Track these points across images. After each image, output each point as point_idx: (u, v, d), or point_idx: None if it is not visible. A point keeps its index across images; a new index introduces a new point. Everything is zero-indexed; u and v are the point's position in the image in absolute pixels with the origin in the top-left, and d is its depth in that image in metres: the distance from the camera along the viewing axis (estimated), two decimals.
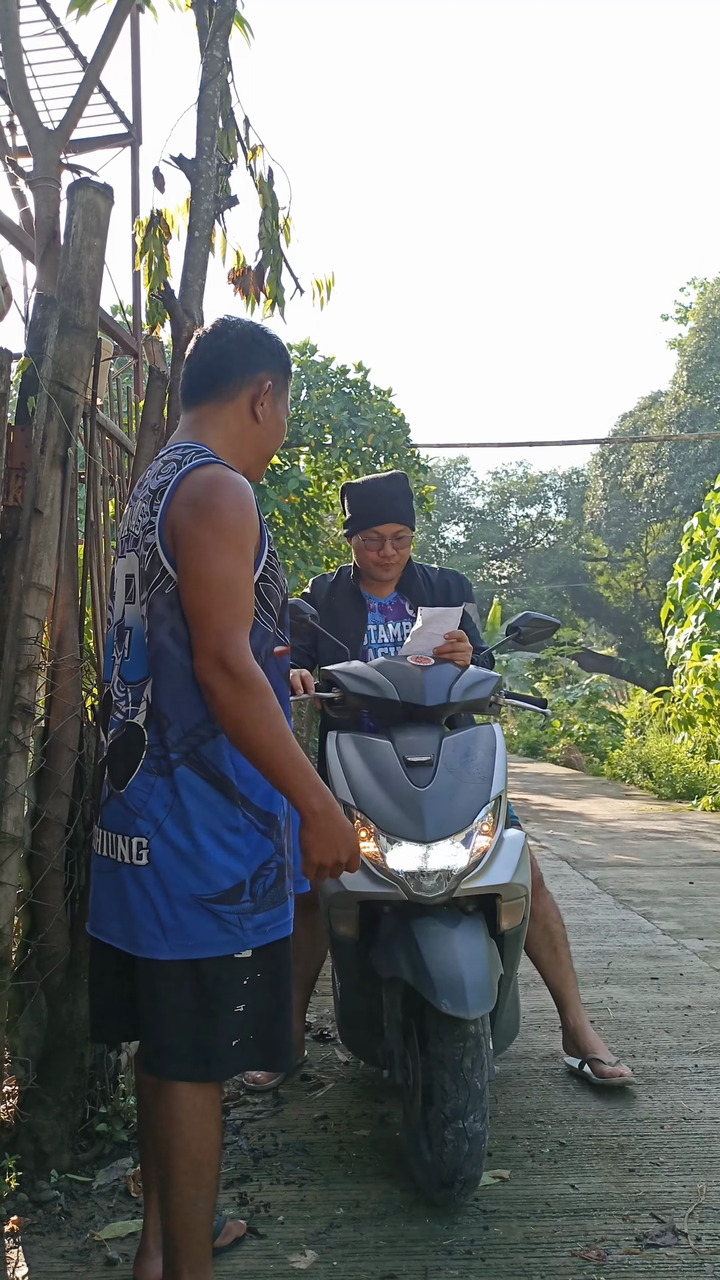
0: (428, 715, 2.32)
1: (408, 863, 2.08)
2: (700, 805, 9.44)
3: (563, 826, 8.16)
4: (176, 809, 1.56)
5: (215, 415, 1.75)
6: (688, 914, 4.81)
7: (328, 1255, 1.91)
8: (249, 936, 1.57)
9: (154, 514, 1.63)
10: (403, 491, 2.68)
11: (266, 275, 3.28)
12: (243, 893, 1.57)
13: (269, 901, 1.61)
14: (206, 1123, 1.59)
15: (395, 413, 11.37)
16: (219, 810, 1.57)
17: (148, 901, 1.56)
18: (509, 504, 32.36)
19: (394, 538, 2.64)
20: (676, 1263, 1.87)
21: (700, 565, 12.22)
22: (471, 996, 1.92)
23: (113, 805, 1.65)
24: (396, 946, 2.08)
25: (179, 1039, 1.57)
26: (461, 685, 2.34)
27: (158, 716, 1.59)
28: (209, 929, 1.55)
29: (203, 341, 1.79)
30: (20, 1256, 1.89)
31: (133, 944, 1.59)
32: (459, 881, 2.07)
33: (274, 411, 1.80)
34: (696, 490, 20.21)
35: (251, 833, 1.60)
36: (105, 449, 2.91)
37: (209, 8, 2.88)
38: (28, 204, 3.04)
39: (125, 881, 1.59)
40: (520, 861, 2.17)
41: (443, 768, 2.20)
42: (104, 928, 1.65)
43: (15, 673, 2.12)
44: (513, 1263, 1.88)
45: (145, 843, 1.57)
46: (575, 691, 17.82)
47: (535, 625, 2.63)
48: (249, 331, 1.78)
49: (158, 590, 1.60)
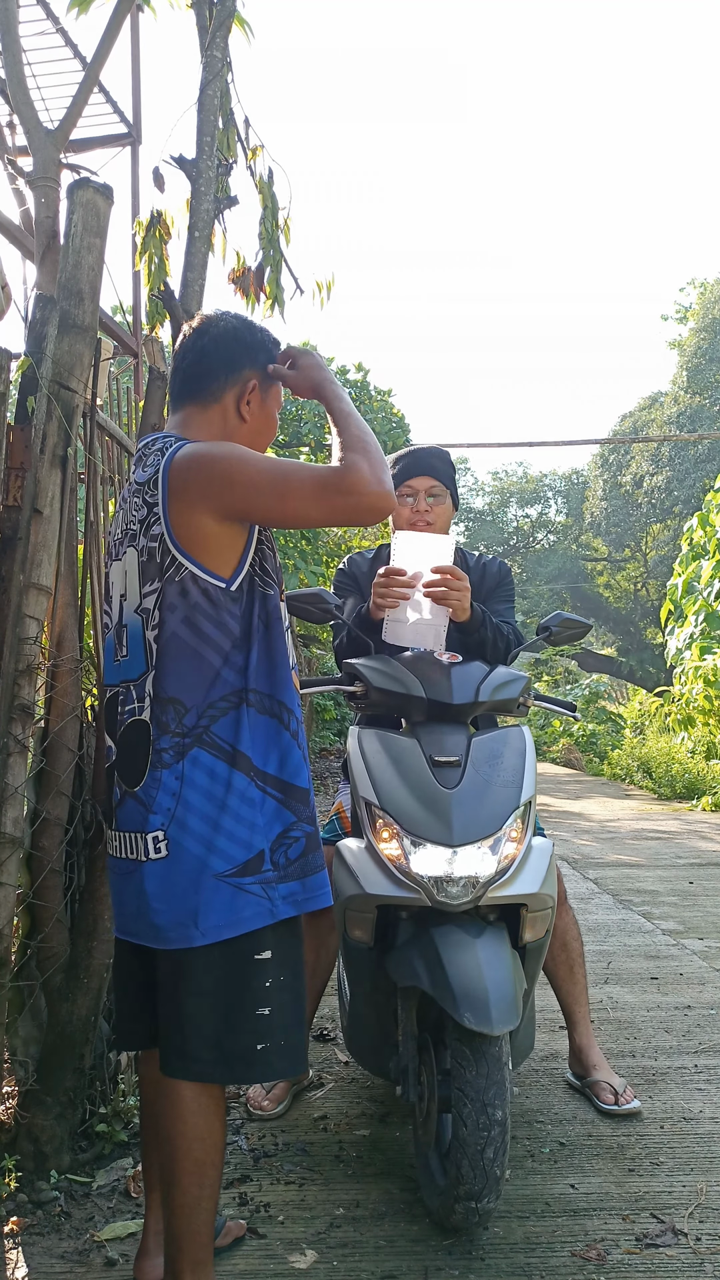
0: (455, 714, 2.22)
1: (433, 867, 1.98)
2: (700, 805, 9.44)
3: (563, 826, 8.16)
4: (186, 795, 1.56)
5: (200, 416, 1.74)
6: (688, 914, 4.81)
7: (328, 1255, 1.91)
8: (279, 906, 1.57)
9: (151, 505, 1.63)
10: (441, 456, 2.61)
11: (266, 275, 3.28)
12: (263, 862, 1.57)
13: (297, 871, 1.60)
14: (211, 1123, 1.58)
15: (395, 413, 11.38)
16: (232, 784, 1.57)
17: (175, 892, 1.55)
18: (509, 504, 32.37)
19: (427, 493, 2.54)
20: (676, 1263, 1.87)
21: (700, 565, 12.22)
22: (496, 1011, 1.82)
23: (127, 805, 1.64)
24: (415, 954, 1.98)
25: (199, 1041, 1.55)
26: (490, 684, 2.23)
27: (168, 705, 1.59)
28: (236, 905, 1.55)
29: (186, 341, 1.78)
30: (20, 1257, 1.89)
31: (162, 938, 1.57)
32: (485, 889, 1.97)
33: (262, 409, 1.78)
34: (696, 490, 20.23)
35: (267, 801, 1.60)
36: (105, 449, 2.90)
37: (209, 8, 2.88)
38: (27, 204, 3.04)
39: (151, 878, 1.58)
40: (548, 871, 2.08)
41: (471, 769, 2.09)
42: (130, 928, 1.64)
43: (15, 673, 2.12)
44: (513, 1263, 1.88)
45: (162, 835, 1.57)
46: (575, 691, 17.83)
47: (567, 625, 2.54)
48: (231, 329, 1.75)
49: (169, 579, 1.60)
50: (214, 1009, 1.56)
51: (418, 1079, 2.04)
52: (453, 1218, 1.89)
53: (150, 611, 1.62)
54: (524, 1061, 2.38)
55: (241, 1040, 1.56)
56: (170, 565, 1.60)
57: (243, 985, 1.56)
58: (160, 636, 1.60)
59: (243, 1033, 1.56)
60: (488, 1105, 1.84)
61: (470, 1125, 1.82)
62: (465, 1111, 1.83)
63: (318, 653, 11.01)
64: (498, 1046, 1.87)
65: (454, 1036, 1.88)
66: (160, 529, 1.60)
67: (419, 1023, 2.07)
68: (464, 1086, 1.85)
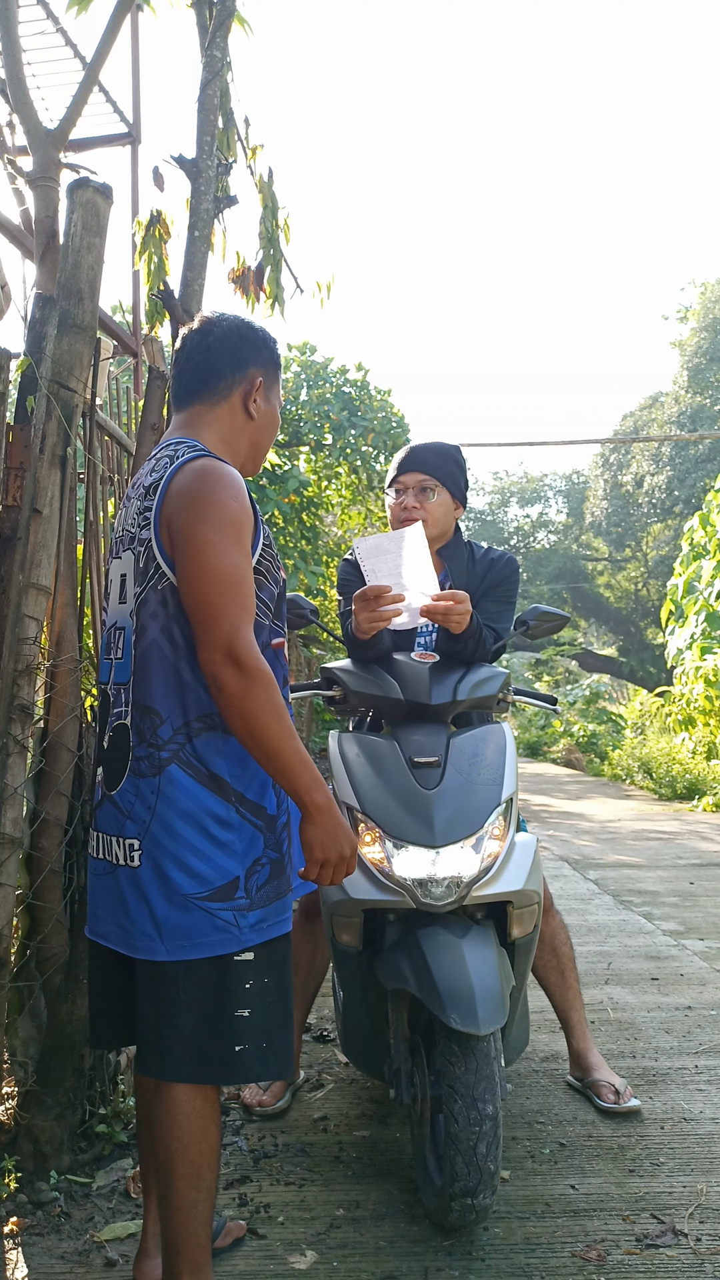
0: (433, 714, 2.23)
1: (416, 869, 1.98)
2: (701, 806, 9.43)
3: (563, 827, 8.15)
4: (161, 810, 1.55)
5: (208, 414, 1.74)
6: (688, 914, 4.80)
7: (328, 1256, 1.91)
8: (246, 935, 1.56)
9: (148, 510, 1.62)
10: (438, 451, 2.47)
11: (266, 275, 3.28)
12: (237, 889, 1.56)
13: (265, 898, 1.60)
14: (206, 1125, 1.58)
15: (395, 413, 11.38)
16: (210, 807, 1.56)
17: (143, 903, 1.55)
18: (509, 504, 32.38)
19: (417, 488, 2.44)
20: (676, 1263, 1.86)
21: (701, 565, 12.21)
22: (482, 1010, 1.82)
23: (106, 807, 1.64)
24: (401, 957, 1.98)
25: (175, 1040, 1.55)
26: (469, 683, 2.23)
27: (146, 714, 1.58)
28: (204, 928, 1.54)
29: (189, 340, 1.78)
30: (20, 1258, 1.89)
31: (130, 946, 1.58)
32: (469, 888, 1.98)
33: (268, 406, 1.79)
34: (697, 490, 20.23)
35: (245, 828, 1.58)
36: (105, 449, 2.90)
37: (209, 7, 2.88)
38: (27, 203, 3.04)
39: (121, 883, 1.59)
40: (533, 867, 2.08)
41: (451, 769, 2.10)
42: (102, 930, 1.65)
43: (14, 673, 2.11)
44: (513, 1263, 1.87)
45: (136, 844, 1.57)
46: (576, 692, 17.80)
47: (544, 619, 2.51)
48: (235, 328, 1.76)
49: (152, 586, 1.59)
50: (191, 1009, 1.55)
51: (410, 1080, 2.04)
52: (450, 1216, 1.89)
53: (137, 616, 1.62)
54: (518, 1059, 2.37)
55: (219, 1041, 1.55)
56: (154, 572, 1.59)
57: (222, 986, 1.55)
58: (140, 643, 1.60)
59: (220, 1034, 1.55)
60: (478, 1100, 1.84)
61: (461, 1121, 1.83)
62: (456, 1107, 1.84)
63: (317, 653, 11.00)
64: (486, 1042, 1.87)
65: (443, 1034, 1.88)
66: (149, 534, 1.60)
67: (411, 1024, 2.06)
68: (454, 1083, 1.85)
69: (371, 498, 11.89)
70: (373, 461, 11.25)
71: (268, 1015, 1.59)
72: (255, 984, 1.57)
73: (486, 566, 2.53)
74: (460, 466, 2.50)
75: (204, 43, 2.87)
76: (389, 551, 2.21)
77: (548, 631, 2.53)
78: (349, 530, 12.70)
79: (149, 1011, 1.58)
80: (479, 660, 2.34)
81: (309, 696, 2.46)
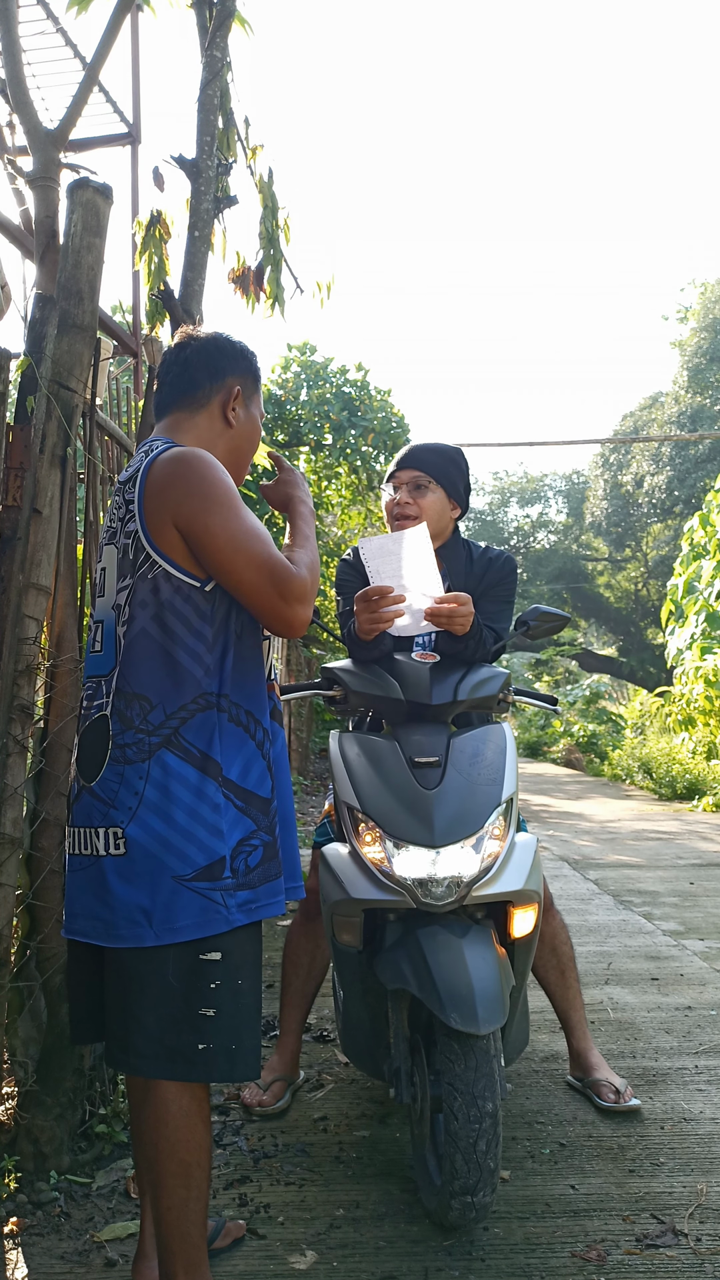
0: (434, 714, 2.23)
1: (416, 869, 1.99)
2: (700, 806, 9.44)
3: (563, 827, 8.16)
4: (149, 795, 1.56)
5: (187, 420, 1.76)
6: (688, 915, 4.80)
7: (328, 1256, 1.91)
8: (234, 914, 1.56)
9: (128, 502, 1.64)
10: (436, 450, 2.47)
11: (266, 275, 3.28)
12: (223, 869, 1.56)
13: (255, 879, 1.60)
14: (194, 1124, 1.58)
15: (395, 413, 11.39)
16: (198, 789, 1.57)
17: (130, 890, 1.55)
18: (509, 504, 32.36)
19: (412, 485, 2.44)
20: (676, 1263, 1.86)
21: (701, 565, 12.22)
22: (482, 1010, 1.83)
23: (84, 800, 1.64)
24: (401, 957, 1.98)
25: (140, 1036, 1.55)
26: (469, 683, 2.23)
27: (133, 701, 1.59)
28: (192, 910, 1.54)
29: (166, 358, 1.82)
30: (20, 1258, 1.89)
31: (114, 936, 1.56)
32: (470, 888, 1.98)
33: (248, 416, 1.81)
34: (696, 490, 20.23)
35: (229, 809, 1.59)
36: (105, 449, 2.91)
37: (209, 8, 2.88)
38: (27, 204, 3.04)
39: (105, 873, 1.58)
40: (533, 867, 2.08)
41: (451, 769, 2.10)
42: (80, 927, 1.63)
43: (14, 673, 2.11)
44: (513, 1263, 1.87)
45: (120, 832, 1.56)
46: (576, 692, 17.81)
47: (544, 619, 2.49)
48: (211, 341, 1.80)
49: (141, 576, 1.61)
50: (157, 1004, 1.55)
51: (410, 1080, 2.04)
52: (450, 1215, 1.89)
53: (122, 608, 1.63)
54: (518, 1058, 2.38)
55: (183, 1038, 1.55)
56: (144, 562, 1.61)
57: (188, 984, 1.55)
58: (129, 632, 1.61)
59: (184, 1031, 1.55)
60: (477, 1098, 1.84)
61: (461, 1118, 1.83)
62: (455, 1105, 1.84)
63: (317, 653, 11.01)
64: (486, 1041, 1.88)
65: (442, 1033, 1.89)
66: (135, 525, 1.62)
67: (411, 1024, 2.07)
68: (453, 1080, 1.86)
69: (371, 498, 11.90)
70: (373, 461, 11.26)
71: (236, 1016, 1.58)
72: (222, 984, 1.57)
73: (485, 566, 2.52)
74: (460, 469, 2.50)
75: (204, 43, 2.88)
76: (393, 552, 2.22)
77: (548, 632, 2.52)
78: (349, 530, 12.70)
79: (116, 1005, 1.58)
80: (479, 661, 2.34)
81: (309, 696, 2.45)
